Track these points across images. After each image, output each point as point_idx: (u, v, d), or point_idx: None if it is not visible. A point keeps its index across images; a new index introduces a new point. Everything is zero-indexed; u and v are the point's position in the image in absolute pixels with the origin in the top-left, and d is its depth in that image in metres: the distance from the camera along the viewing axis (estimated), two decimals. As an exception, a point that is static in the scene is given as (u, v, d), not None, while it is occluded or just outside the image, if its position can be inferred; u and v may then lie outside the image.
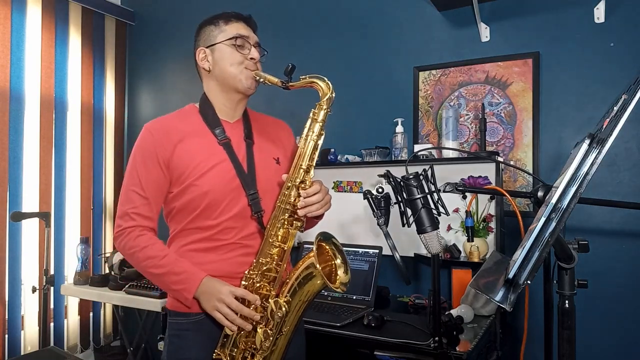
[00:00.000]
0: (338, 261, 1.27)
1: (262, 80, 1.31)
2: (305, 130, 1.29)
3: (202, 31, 1.37)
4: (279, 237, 1.27)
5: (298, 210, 1.25)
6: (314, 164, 1.28)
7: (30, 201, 2.75)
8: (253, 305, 1.24)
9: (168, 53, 3.27)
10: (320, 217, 1.39)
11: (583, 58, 2.06)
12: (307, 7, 2.75)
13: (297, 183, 1.26)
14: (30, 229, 2.73)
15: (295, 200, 1.26)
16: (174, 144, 1.28)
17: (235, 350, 1.27)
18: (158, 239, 1.29)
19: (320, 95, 1.28)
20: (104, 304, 3.14)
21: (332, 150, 2.44)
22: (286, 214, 1.27)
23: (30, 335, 2.70)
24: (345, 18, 2.63)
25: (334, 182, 2.52)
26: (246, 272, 1.28)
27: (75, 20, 3.06)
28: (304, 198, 1.25)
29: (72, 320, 2.97)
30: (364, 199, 1.74)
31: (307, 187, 1.26)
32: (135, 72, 3.45)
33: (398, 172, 1.47)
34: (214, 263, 1.29)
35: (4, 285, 2.58)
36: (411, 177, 1.36)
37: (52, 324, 2.80)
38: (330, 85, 1.28)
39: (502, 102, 2.22)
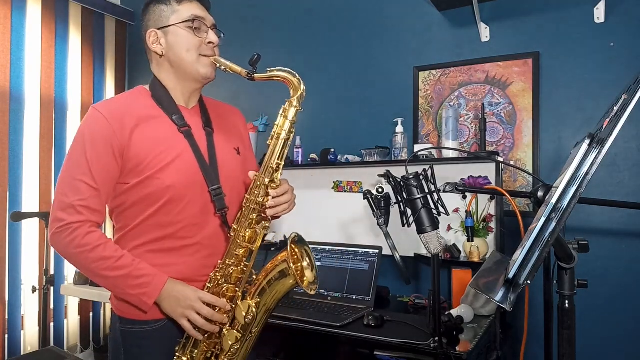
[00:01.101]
0: (305, 263, 1.23)
1: (223, 68, 1.21)
2: (276, 127, 1.21)
3: (152, 10, 1.25)
4: (247, 238, 1.21)
5: (267, 210, 1.20)
6: (283, 163, 1.22)
7: (30, 201, 2.75)
8: (218, 309, 1.18)
9: (168, 53, 3.26)
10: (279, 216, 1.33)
11: (583, 58, 2.06)
12: (306, 7, 2.75)
13: (267, 182, 1.20)
14: (30, 229, 2.72)
15: (263, 199, 1.20)
16: (130, 130, 1.16)
17: (196, 351, 1.21)
18: (108, 238, 1.17)
19: (291, 92, 1.21)
20: (104, 304, 3.14)
21: (332, 150, 2.44)
22: (254, 214, 1.20)
23: (30, 335, 2.70)
24: (345, 18, 2.63)
25: (334, 182, 2.52)
26: (211, 274, 1.22)
27: (75, 20, 3.06)
28: (274, 198, 1.19)
29: (72, 320, 2.97)
30: (364, 199, 1.74)
31: (276, 186, 1.20)
32: (135, 72, 3.45)
33: (398, 172, 1.47)
34: (176, 266, 1.20)
35: (4, 285, 2.58)
36: (411, 177, 1.36)
37: (52, 324, 2.80)
38: (301, 82, 1.20)
39: (502, 102, 2.22)
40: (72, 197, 1.13)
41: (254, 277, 1.24)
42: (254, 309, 1.19)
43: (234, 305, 1.21)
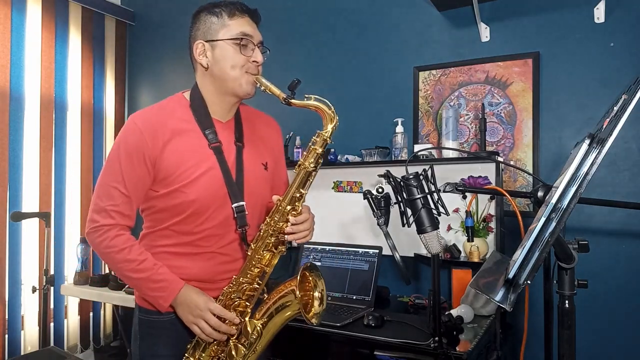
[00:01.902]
0: (316, 294, 1.27)
1: (263, 88, 1.25)
2: (302, 158, 1.24)
3: (202, 20, 1.27)
4: (263, 260, 1.26)
5: (286, 236, 1.24)
6: (306, 193, 1.25)
7: (30, 201, 2.75)
8: (227, 321, 1.24)
9: (168, 53, 3.27)
10: None
11: (583, 58, 2.06)
12: (306, 7, 2.75)
13: (288, 209, 1.24)
14: (30, 229, 2.72)
15: (283, 225, 1.24)
16: (163, 143, 1.22)
17: (204, 355, 1.27)
18: (135, 240, 1.26)
19: (323, 124, 1.22)
20: (104, 304, 3.14)
21: (332, 150, 2.44)
22: (272, 238, 1.26)
23: (30, 335, 2.70)
24: (345, 18, 2.63)
25: (334, 182, 2.52)
26: (225, 288, 1.28)
27: (75, 20, 3.06)
28: (293, 225, 1.23)
29: (72, 320, 2.97)
30: (364, 199, 1.74)
31: (296, 213, 1.24)
32: (135, 72, 3.45)
33: (398, 172, 1.47)
34: (191, 269, 1.28)
35: (4, 285, 2.58)
36: (411, 177, 1.36)
37: (52, 324, 2.80)
38: (336, 115, 1.22)
39: (502, 102, 2.22)
40: (106, 202, 1.22)
41: (265, 295, 1.29)
42: (259, 328, 1.25)
43: (242, 320, 1.26)
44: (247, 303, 1.27)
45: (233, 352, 1.25)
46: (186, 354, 1.28)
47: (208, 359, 1.27)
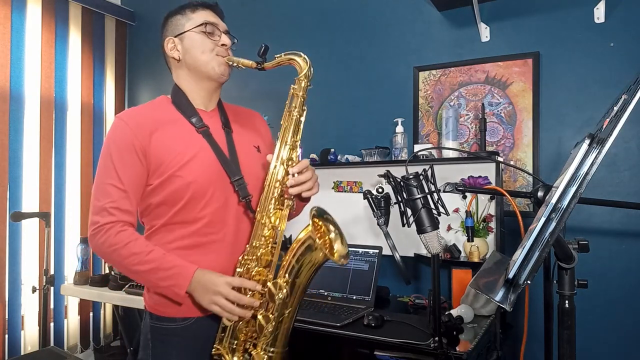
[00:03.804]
0: (332, 235, 1.22)
1: (235, 64, 1.28)
2: (287, 106, 1.25)
3: (169, 22, 1.34)
4: (271, 219, 1.23)
5: (289, 189, 1.21)
6: (299, 140, 1.25)
7: (30, 201, 2.75)
8: (251, 292, 1.19)
9: (168, 53, 3.27)
10: (307, 200, 1.34)
11: (583, 58, 2.06)
12: (306, 7, 2.75)
13: (285, 160, 1.22)
14: (30, 229, 2.72)
15: (283, 178, 1.22)
16: (150, 133, 1.22)
17: (236, 342, 1.22)
18: (140, 235, 1.22)
19: (298, 71, 1.25)
20: (104, 304, 3.14)
21: (332, 150, 2.44)
22: (276, 193, 1.23)
23: (30, 335, 2.70)
24: (345, 18, 2.63)
25: (334, 182, 2.52)
26: (240, 258, 1.24)
27: (75, 20, 3.06)
28: (293, 176, 1.21)
29: (72, 320, 2.97)
30: (364, 199, 1.74)
31: (294, 164, 1.23)
32: (135, 72, 3.45)
33: (398, 172, 1.47)
34: (203, 262, 1.22)
35: (4, 285, 2.58)
36: (411, 177, 1.36)
37: (52, 324, 2.80)
38: (308, 60, 1.25)
39: (502, 102, 2.22)
40: (104, 201, 1.20)
41: (284, 259, 1.23)
42: (285, 288, 1.18)
43: (265, 289, 1.21)
44: (267, 270, 1.22)
45: (263, 323, 1.17)
46: (215, 345, 1.22)
47: (241, 345, 1.21)
